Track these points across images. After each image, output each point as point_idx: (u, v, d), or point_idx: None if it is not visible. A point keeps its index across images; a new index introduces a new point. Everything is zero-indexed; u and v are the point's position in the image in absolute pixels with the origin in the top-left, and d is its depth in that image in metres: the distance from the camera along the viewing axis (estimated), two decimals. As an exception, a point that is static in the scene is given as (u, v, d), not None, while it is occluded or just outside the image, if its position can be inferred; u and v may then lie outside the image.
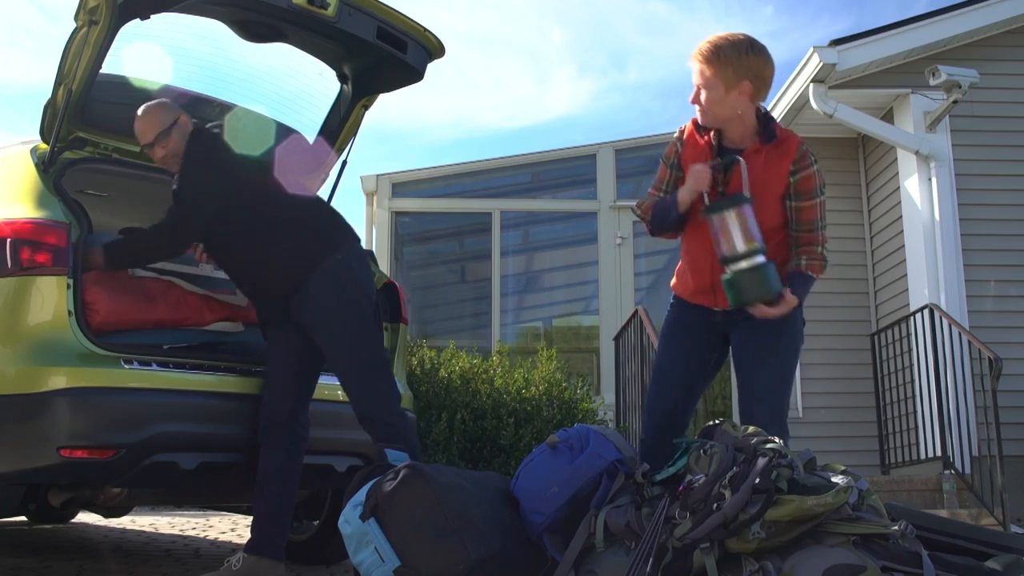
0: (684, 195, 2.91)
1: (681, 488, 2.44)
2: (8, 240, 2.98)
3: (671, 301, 3.17)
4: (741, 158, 2.88)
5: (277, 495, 3.21)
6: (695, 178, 2.88)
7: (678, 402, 3.07)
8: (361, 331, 3.23)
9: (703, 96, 2.88)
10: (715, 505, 2.32)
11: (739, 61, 2.83)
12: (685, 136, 3.02)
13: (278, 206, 3.32)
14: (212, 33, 3.55)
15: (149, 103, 3.37)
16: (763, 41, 2.90)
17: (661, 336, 3.18)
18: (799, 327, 3.01)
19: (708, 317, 3.05)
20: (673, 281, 3.19)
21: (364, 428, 3.19)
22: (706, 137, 2.97)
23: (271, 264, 3.25)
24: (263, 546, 3.17)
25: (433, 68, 3.76)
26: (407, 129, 29.77)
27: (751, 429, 2.58)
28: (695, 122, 3.00)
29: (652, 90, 26.12)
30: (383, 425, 3.15)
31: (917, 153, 6.61)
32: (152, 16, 3.21)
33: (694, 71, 2.89)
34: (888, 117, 7.02)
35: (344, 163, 4.06)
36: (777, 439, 2.49)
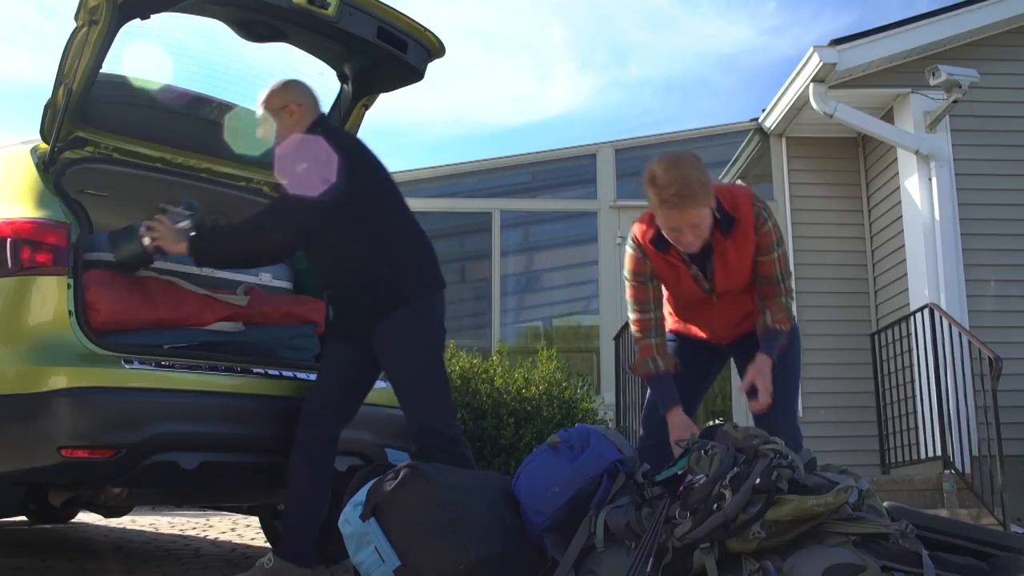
0: (675, 433, 2.94)
1: (682, 488, 2.44)
2: (8, 240, 2.98)
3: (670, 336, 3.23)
4: None
5: (314, 504, 3.22)
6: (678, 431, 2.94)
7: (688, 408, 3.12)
8: (432, 367, 3.21)
9: (696, 233, 2.83)
10: (715, 505, 2.32)
11: (708, 185, 2.79)
12: (647, 251, 3.00)
13: (394, 227, 3.27)
14: (213, 32, 3.55)
15: (285, 79, 3.35)
16: (765, 37, 2.98)
17: None
18: (798, 338, 3.12)
19: (711, 343, 3.19)
20: (670, 324, 3.24)
21: (420, 441, 3.19)
22: (671, 250, 2.95)
23: (371, 283, 3.20)
24: (296, 554, 3.17)
25: (433, 65, 3.76)
26: (406, 126, 29.73)
27: (752, 430, 2.58)
28: (649, 238, 2.97)
29: (653, 86, 26.13)
30: (444, 438, 3.14)
31: (917, 153, 6.61)
32: (152, 16, 3.21)
33: (676, 218, 2.80)
34: (888, 117, 7.02)
35: (344, 163, 4.05)
36: (778, 440, 2.50)
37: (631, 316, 3.10)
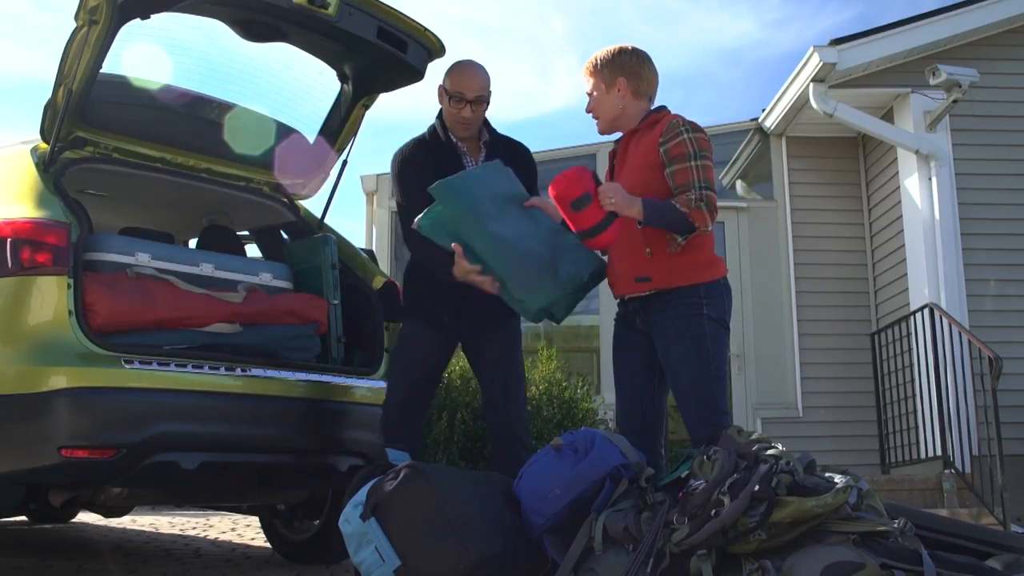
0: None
1: (682, 494, 2.44)
2: (8, 240, 2.98)
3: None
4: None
5: None
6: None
7: (642, 404, 3.08)
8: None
9: (592, 107, 3.11)
10: (713, 512, 2.31)
11: (612, 62, 3.06)
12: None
13: None
14: (213, 31, 3.55)
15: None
16: (768, 31, 3.01)
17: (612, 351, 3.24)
18: (704, 324, 2.91)
19: (633, 323, 3.09)
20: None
21: (505, 431, 3.33)
22: (617, 141, 3.20)
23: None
24: None
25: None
26: (406, 122, 29.62)
27: (755, 435, 2.58)
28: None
29: (655, 81, 26.03)
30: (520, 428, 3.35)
31: (917, 152, 6.61)
32: (152, 16, 3.21)
33: (583, 83, 3.12)
34: (888, 116, 7.02)
35: (344, 163, 4.06)
36: (779, 445, 2.49)
37: None
